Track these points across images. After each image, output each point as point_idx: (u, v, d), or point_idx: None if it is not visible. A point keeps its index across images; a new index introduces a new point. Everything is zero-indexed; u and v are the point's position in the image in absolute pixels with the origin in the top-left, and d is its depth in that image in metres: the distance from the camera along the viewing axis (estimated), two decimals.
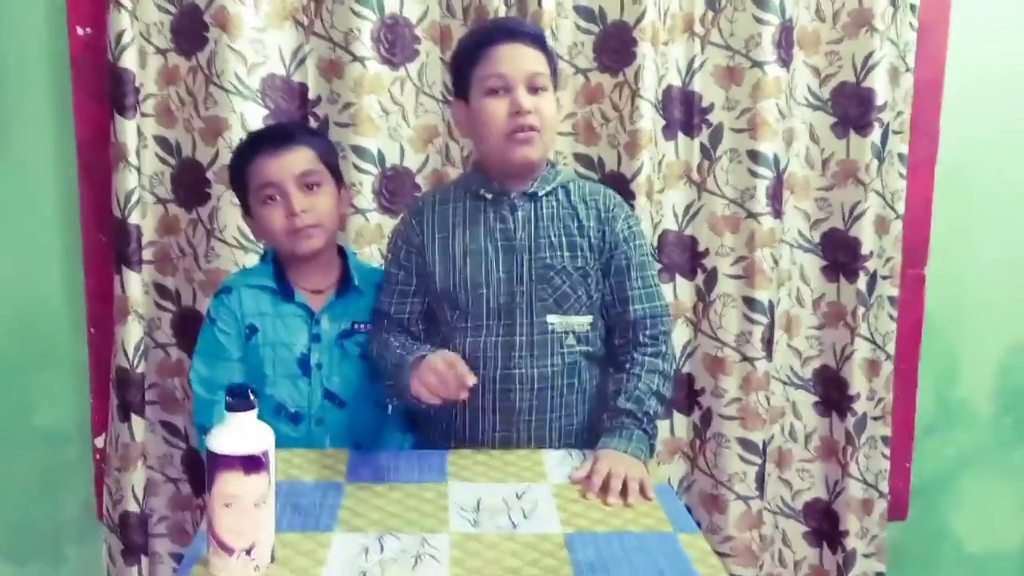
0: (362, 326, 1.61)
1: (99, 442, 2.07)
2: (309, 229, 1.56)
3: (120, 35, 1.81)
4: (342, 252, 1.67)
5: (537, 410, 1.53)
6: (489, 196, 1.55)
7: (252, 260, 1.86)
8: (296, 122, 1.92)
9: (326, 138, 1.75)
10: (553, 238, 1.53)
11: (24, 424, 2.08)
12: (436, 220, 1.56)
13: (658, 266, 2.01)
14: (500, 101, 1.48)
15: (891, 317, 2.11)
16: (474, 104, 1.52)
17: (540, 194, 1.55)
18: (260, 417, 1.12)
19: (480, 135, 1.53)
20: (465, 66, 1.53)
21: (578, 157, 2.00)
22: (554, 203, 1.56)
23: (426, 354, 1.41)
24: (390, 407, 1.58)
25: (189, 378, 1.62)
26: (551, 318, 1.53)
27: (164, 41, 1.90)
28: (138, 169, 1.88)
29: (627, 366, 1.54)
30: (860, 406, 2.11)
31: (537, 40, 1.52)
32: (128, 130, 1.84)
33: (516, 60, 1.48)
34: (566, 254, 1.53)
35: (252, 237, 1.86)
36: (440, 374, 1.35)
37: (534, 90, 1.49)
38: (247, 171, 1.58)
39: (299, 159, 1.56)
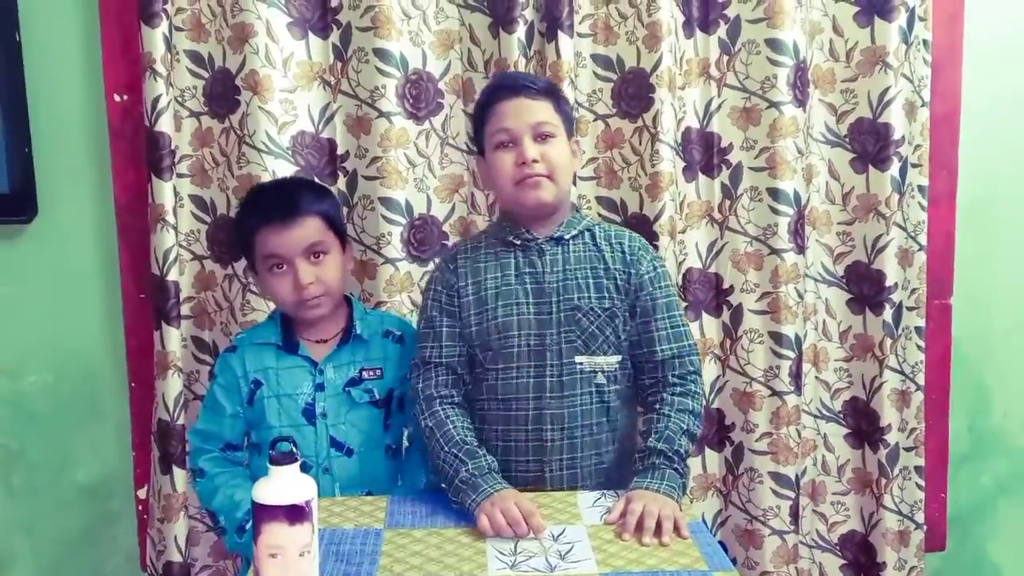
0: (370, 373, 1.63)
1: (141, 494, 2.10)
2: (316, 299, 1.58)
3: (156, 100, 1.87)
4: (347, 299, 1.69)
5: (568, 449, 1.56)
6: (518, 242, 1.60)
7: None
8: (303, 184, 1.75)
9: (332, 197, 1.70)
10: (581, 280, 1.57)
11: (68, 479, 2.12)
12: (469, 265, 1.61)
13: (683, 304, 2.04)
14: (508, 153, 1.55)
15: (919, 348, 2.12)
16: (488, 158, 1.59)
17: (567, 238, 1.59)
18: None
19: (497, 186, 1.60)
20: (479, 124, 1.61)
21: (601, 200, 2.04)
22: (580, 246, 1.60)
23: (500, 489, 1.42)
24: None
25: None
26: (580, 358, 1.56)
27: (198, 105, 1.97)
28: (175, 228, 1.93)
29: (656, 406, 1.57)
30: (892, 437, 2.12)
31: (542, 91, 1.58)
32: (165, 191, 1.90)
33: (520, 114, 1.54)
34: (593, 295, 1.57)
35: None
36: (513, 522, 1.36)
37: (543, 137, 1.55)
38: (254, 239, 1.58)
39: (307, 232, 1.57)
